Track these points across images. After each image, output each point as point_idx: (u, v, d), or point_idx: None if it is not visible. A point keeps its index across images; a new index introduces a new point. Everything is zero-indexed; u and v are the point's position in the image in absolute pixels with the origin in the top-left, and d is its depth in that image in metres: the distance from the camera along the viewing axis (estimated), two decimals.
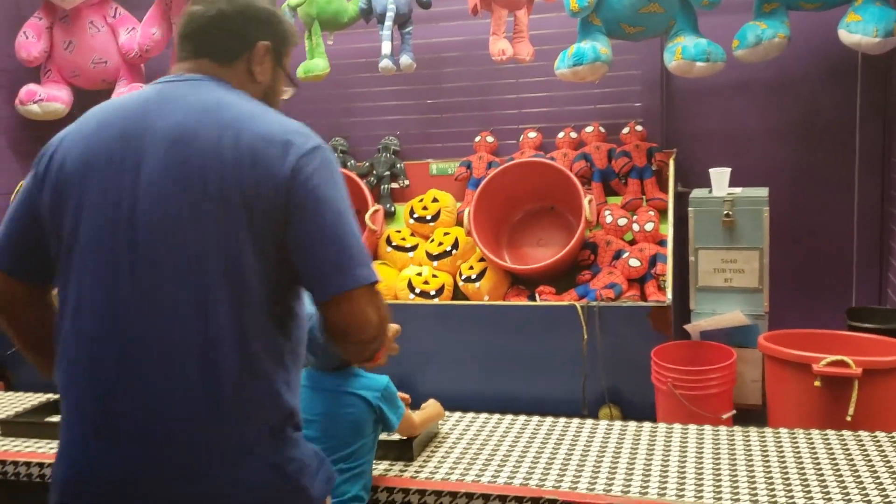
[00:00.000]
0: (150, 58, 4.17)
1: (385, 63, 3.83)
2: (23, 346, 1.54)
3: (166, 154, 1.33)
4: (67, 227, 1.38)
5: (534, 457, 2.06)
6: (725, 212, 3.21)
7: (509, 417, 2.35)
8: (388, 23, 3.76)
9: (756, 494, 1.80)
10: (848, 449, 2.02)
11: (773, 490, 1.81)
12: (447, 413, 2.37)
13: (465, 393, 3.46)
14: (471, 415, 2.39)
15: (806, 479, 1.86)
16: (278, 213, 1.31)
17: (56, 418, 2.39)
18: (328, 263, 1.32)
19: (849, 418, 2.63)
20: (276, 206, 1.31)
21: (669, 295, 3.30)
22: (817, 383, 2.71)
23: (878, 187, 3.82)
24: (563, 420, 2.32)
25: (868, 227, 3.85)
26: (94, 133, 1.40)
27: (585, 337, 3.29)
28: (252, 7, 1.48)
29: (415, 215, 4.00)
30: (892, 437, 2.07)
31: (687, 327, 3.31)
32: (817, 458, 1.96)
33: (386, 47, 3.77)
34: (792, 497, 1.78)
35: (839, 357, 2.71)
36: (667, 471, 1.95)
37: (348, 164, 4.28)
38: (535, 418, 2.34)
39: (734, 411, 3.09)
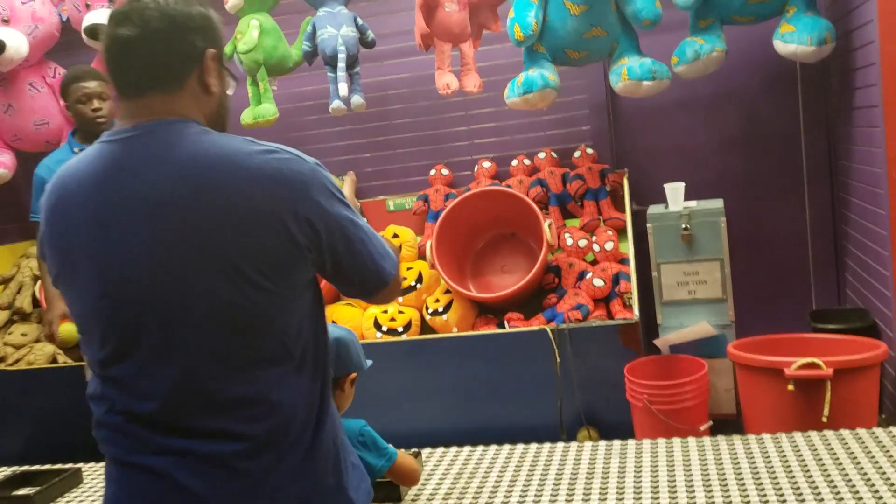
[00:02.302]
0: None
1: (336, 104, 3.82)
2: None
3: (152, 225, 1.27)
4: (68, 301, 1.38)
5: (522, 487, 2.04)
6: (683, 225, 3.25)
7: (493, 448, 2.33)
8: (342, 64, 3.75)
9: (749, 500, 1.80)
10: (832, 447, 2.03)
11: (764, 495, 1.81)
12: (429, 449, 2.34)
13: (443, 428, 3.42)
14: (454, 449, 2.36)
15: (796, 482, 1.87)
16: (310, 248, 1.33)
17: (25, 490, 2.29)
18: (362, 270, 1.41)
19: (824, 419, 2.65)
20: (302, 242, 1.31)
21: (636, 311, 3.32)
22: (790, 387, 2.73)
23: (827, 191, 3.91)
24: (547, 446, 2.30)
25: (822, 230, 3.94)
26: (65, 212, 1.34)
27: (558, 360, 3.28)
28: (189, 17, 1.35)
29: None
30: (873, 433, 2.09)
31: (656, 342, 3.33)
32: (804, 460, 1.98)
33: (343, 88, 3.75)
34: (784, 500, 1.78)
35: (810, 359, 2.74)
36: (657, 487, 1.94)
37: None
38: (520, 447, 2.32)
39: (711, 422, 3.10)
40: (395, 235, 4.00)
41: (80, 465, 2.48)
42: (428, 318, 3.68)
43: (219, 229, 1.25)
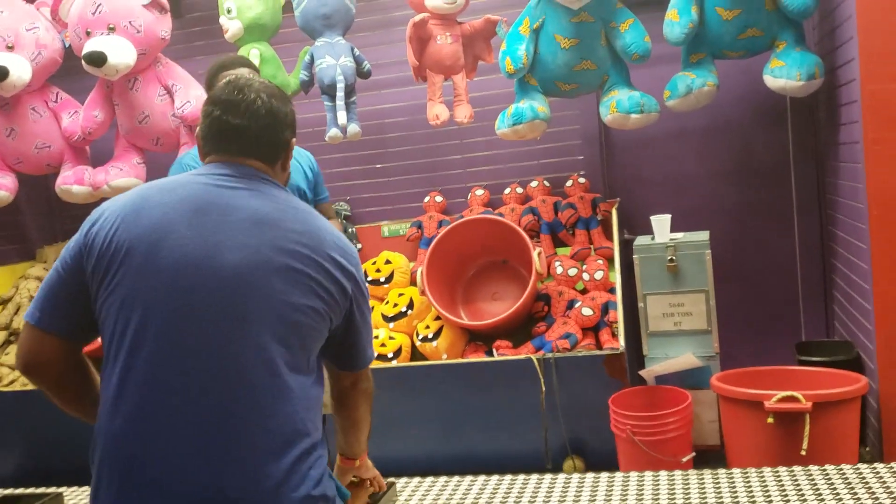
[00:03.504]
0: (93, 140, 4.17)
1: (334, 132, 3.88)
2: (60, 402, 1.63)
3: (252, 231, 1.50)
4: (128, 287, 1.47)
5: None
6: (669, 257, 3.29)
7: (468, 479, 2.35)
8: (341, 93, 3.82)
9: None
10: (799, 485, 2.05)
11: None
12: (405, 478, 2.36)
13: (428, 455, 3.44)
14: (429, 479, 2.38)
15: None
16: (343, 308, 1.59)
17: None
18: (365, 344, 1.70)
19: (803, 452, 2.67)
20: (343, 302, 1.58)
21: (622, 342, 3.34)
22: (770, 420, 2.75)
23: (816, 223, 3.93)
24: (521, 477, 2.32)
25: (811, 262, 3.96)
26: (161, 205, 1.52)
27: (543, 389, 3.30)
28: (286, 114, 1.66)
29: (368, 278, 4.02)
30: (840, 470, 2.11)
31: (641, 373, 3.35)
32: (769, 497, 1.99)
33: (342, 117, 3.82)
34: None
35: (789, 393, 2.77)
36: None
37: None
38: (496, 477, 2.34)
39: (693, 453, 3.11)
40: (388, 262, 4.05)
41: (62, 489, 2.51)
42: (418, 344, 3.71)
43: (297, 252, 1.52)
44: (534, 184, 4.15)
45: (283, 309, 1.48)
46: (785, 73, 3.32)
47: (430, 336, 3.67)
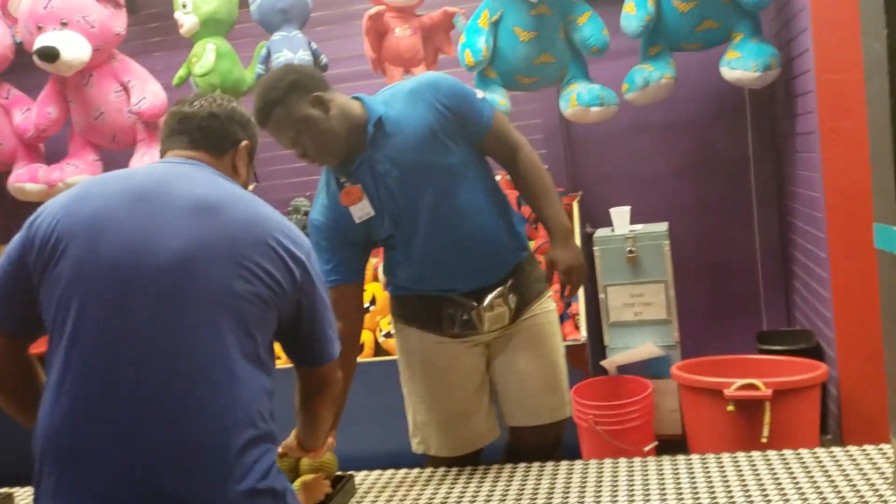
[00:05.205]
0: (47, 137, 4.09)
1: None
2: (2, 400, 1.61)
3: (193, 218, 1.49)
4: (68, 277, 1.45)
5: None
6: (628, 248, 3.30)
7: (428, 471, 2.33)
8: None
9: None
10: (756, 468, 2.06)
11: None
12: (365, 472, 2.34)
13: (392, 451, 3.40)
14: (390, 471, 2.36)
15: (735, 502, 1.89)
16: (293, 297, 1.57)
17: None
18: (321, 337, 1.67)
19: (764, 439, 2.69)
20: (291, 290, 1.56)
21: (584, 333, 3.35)
22: (730, 408, 2.77)
23: (776, 214, 3.97)
24: (481, 468, 2.30)
25: (771, 253, 4.00)
26: (102, 196, 1.52)
27: None
28: (236, 112, 1.74)
29: None
30: (798, 454, 2.12)
31: (603, 363, 3.36)
32: (727, 480, 2.00)
33: None
34: None
35: (749, 380, 2.78)
36: None
37: None
38: (454, 470, 2.32)
39: (656, 442, 3.13)
40: None
41: (14, 489, 2.45)
42: (381, 340, 3.69)
43: (240, 238, 1.51)
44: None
45: (224, 297, 1.46)
46: (741, 64, 3.34)
47: (394, 332, 3.64)
